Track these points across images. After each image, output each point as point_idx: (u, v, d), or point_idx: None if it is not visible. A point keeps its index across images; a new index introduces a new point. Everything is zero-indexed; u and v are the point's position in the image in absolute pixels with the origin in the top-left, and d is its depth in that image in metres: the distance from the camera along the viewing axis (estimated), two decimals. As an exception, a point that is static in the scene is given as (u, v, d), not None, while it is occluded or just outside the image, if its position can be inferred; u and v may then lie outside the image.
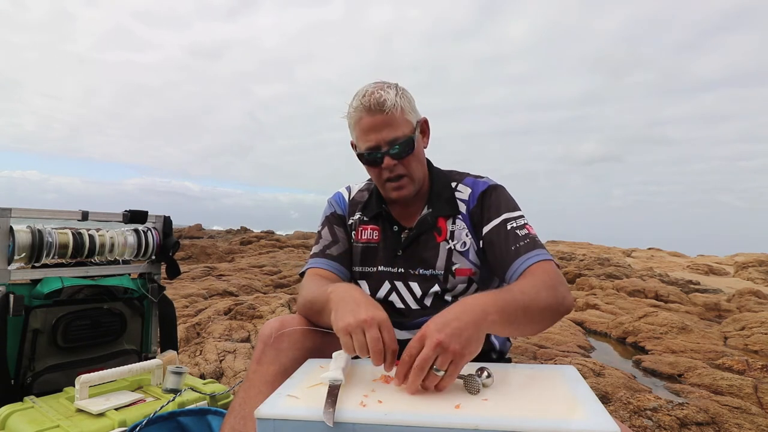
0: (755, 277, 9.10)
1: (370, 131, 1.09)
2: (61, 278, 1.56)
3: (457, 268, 1.13)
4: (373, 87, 1.10)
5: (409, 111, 1.12)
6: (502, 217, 1.11)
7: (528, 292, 0.91)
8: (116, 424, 1.26)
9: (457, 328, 0.76)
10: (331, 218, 1.27)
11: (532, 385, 0.79)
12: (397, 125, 1.09)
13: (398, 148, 1.09)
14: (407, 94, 1.13)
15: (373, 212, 1.22)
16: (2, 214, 1.43)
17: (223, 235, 18.76)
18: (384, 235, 1.20)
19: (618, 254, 14.10)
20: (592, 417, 0.65)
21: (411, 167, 1.13)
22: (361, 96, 1.10)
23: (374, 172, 1.15)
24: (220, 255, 11.01)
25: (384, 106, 1.07)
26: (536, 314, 0.91)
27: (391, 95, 1.08)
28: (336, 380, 0.77)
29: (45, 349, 1.51)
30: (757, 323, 4.34)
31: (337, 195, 1.32)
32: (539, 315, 0.92)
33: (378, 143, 1.09)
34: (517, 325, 0.89)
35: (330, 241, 1.23)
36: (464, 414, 0.68)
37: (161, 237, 1.80)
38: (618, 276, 8.43)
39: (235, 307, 4.38)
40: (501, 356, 1.19)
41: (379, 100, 1.07)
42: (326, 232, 1.25)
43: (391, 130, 1.08)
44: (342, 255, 1.21)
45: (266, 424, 0.70)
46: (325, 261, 1.19)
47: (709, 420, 2.25)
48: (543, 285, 0.95)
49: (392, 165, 1.10)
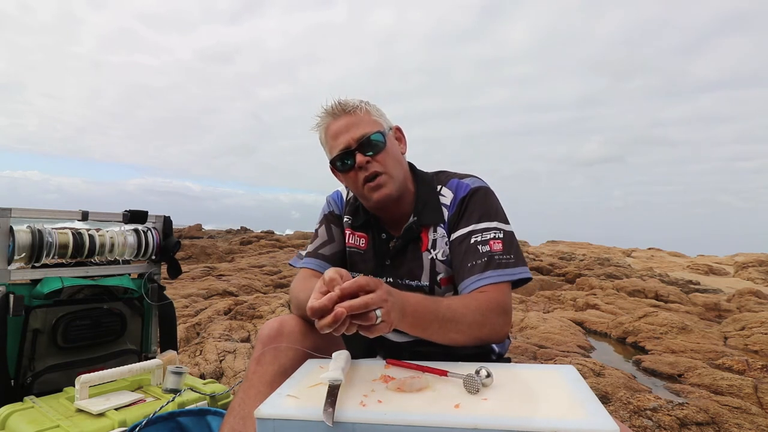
0: (755, 277, 9.10)
1: (338, 135, 1.10)
2: (61, 278, 1.56)
3: (442, 277, 1.12)
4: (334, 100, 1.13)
5: (376, 115, 1.14)
6: (469, 227, 1.08)
7: (456, 310, 0.92)
8: (116, 424, 1.26)
9: (393, 303, 0.78)
10: (329, 216, 1.28)
11: (531, 385, 0.79)
12: (363, 124, 1.11)
13: (367, 144, 1.09)
14: (374, 104, 1.16)
15: (360, 221, 1.21)
16: (2, 214, 1.43)
17: (223, 235, 18.76)
18: (372, 243, 1.20)
19: (618, 254, 14.10)
20: (592, 416, 0.65)
21: (386, 164, 1.11)
22: (323, 107, 1.13)
23: (350, 178, 1.13)
24: (220, 255, 11.01)
25: (347, 106, 1.11)
26: (455, 331, 0.92)
27: (353, 100, 1.12)
28: (336, 380, 0.77)
29: (45, 349, 1.51)
30: (757, 323, 4.34)
31: (336, 193, 1.32)
32: (459, 333, 0.93)
33: (348, 144, 1.10)
34: (429, 333, 0.90)
35: (325, 240, 1.24)
36: (464, 413, 0.68)
37: (161, 237, 1.80)
38: (618, 276, 8.44)
39: (235, 307, 4.38)
40: (500, 357, 1.18)
41: (340, 103, 1.11)
42: (323, 230, 1.26)
43: (357, 128, 1.10)
44: (335, 255, 1.22)
45: (266, 424, 0.70)
46: (316, 261, 1.21)
47: (709, 420, 2.25)
48: (477, 309, 0.95)
49: (365, 162, 1.09)
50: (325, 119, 1.14)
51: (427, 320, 0.88)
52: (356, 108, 1.11)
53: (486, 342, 0.98)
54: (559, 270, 9.48)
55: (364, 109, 1.12)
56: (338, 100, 1.12)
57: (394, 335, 1.15)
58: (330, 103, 1.12)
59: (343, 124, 1.10)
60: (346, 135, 1.09)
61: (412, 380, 0.78)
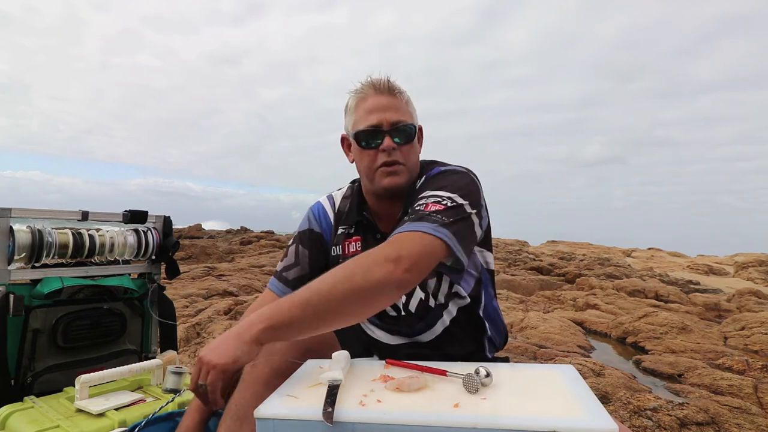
0: (755, 277, 9.10)
1: (373, 110, 1.07)
2: (61, 278, 1.56)
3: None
4: (380, 75, 1.10)
5: (412, 108, 1.13)
6: (423, 194, 1.00)
7: (325, 285, 0.82)
8: (116, 424, 1.26)
9: (216, 344, 0.82)
10: (302, 235, 1.23)
11: (530, 384, 0.79)
12: (402, 110, 1.08)
13: (400, 132, 1.07)
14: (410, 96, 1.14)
15: (353, 220, 1.17)
16: (2, 214, 1.43)
17: (223, 235, 18.75)
18: (365, 244, 1.15)
19: (618, 254, 14.10)
20: (591, 415, 0.65)
21: (409, 157, 1.09)
22: (368, 79, 1.10)
23: (368, 156, 1.08)
24: (220, 255, 11.01)
25: (393, 88, 1.08)
26: (339, 303, 0.81)
27: (398, 84, 1.10)
28: (335, 380, 0.77)
29: (45, 349, 1.51)
30: (757, 323, 4.34)
31: (318, 207, 1.25)
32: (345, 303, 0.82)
33: (380, 122, 1.06)
34: (310, 325, 0.82)
35: (291, 263, 1.20)
36: (463, 413, 0.68)
37: (161, 237, 1.80)
38: (618, 276, 8.44)
39: (235, 307, 4.38)
40: (495, 357, 1.18)
41: (389, 81, 1.08)
42: (292, 250, 1.22)
43: (395, 112, 1.07)
44: (298, 279, 1.17)
45: (266, 424, 0.70)
46: (278, 284, 1.19)
47: (709, 420, 2.25)
48: (366, 263, 0.83)
49: (391, 148, 1.06)
50: (366, 90, 1.09)
51: (287, 317, 0.81)
52: (401, 93, 1.09)
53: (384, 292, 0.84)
54: (559, 270, 9.48)
55: (406, 97, 1.11)
56: (388, 79, 1.09)
57: (386, 337, 1.15)
58: (376, 79, 1.09)
59: (385, 102, 1.07)
60: (383, 114, 1.06)
61: (411, 380, 0.78)
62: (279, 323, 0.80)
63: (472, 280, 1.11)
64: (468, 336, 1.12)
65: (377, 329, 1.17)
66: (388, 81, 1.09)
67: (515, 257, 11.57)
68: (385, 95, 1.08)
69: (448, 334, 1.10)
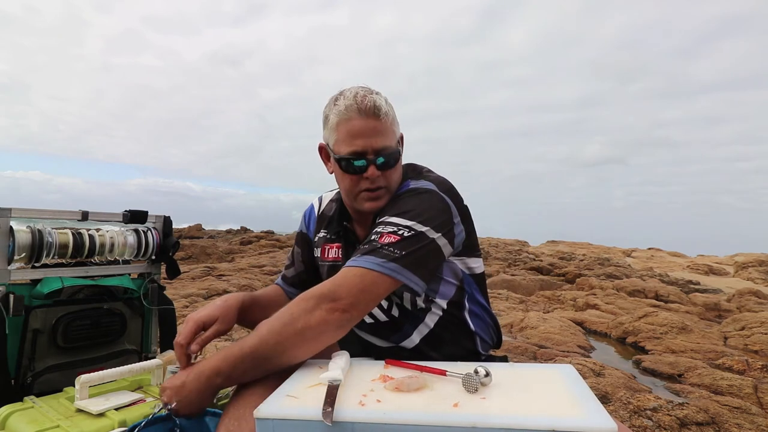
0: (755, 277, 9.11)
1: (358, 135, 1.02)
2: (61, 278, 1.56)
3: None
4: (364, 91, 1.04)
5: (395, 122, 1.08)
6: (383, 218, 1.00)
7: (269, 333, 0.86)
8: (116, 424, 1.26)
9: (186, 398, 0.89)
10: (297, 236, 1.32)
11: (530, 384, 0.79)
12: (387, 134, 1.04)
13: (384, 160, 1.03)
14: (390, 103, 1.08)
15: (335, 230, 1.19)
16: (2, 214, 1.43)
17: (223, 235, 18.76)
18: (345, 253, 1.15)
19: (618, 254, 14.10)
20: (590, 415, 0.65)
21: (391, 180, 1.07)
22: (352, 96, 1.03)
23: (351, 181, 1.06)
24: (220, 255, 11.01)
25: (379, 111, 1.02)
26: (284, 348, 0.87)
27: (383, 102, 1.03)
28: (335, 380, 0.77)
29: (45, 349, 1.51)
30: (757, 323, 4.34)
31: (309, 209, 1.30)
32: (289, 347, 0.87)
33: (365, 149, 1.02)
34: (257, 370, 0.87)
35: (290, 263, 1.32)
36: (462, 412, 0.68)
37: (161, 237, 1.80)
38: (618, 276, 8.44)
39: (235, 307, 4.37)
40: (489, 356, 1.18)
41: (374, 104, 1.01)
42: (291, 251, 1.33)
43: (381, 138, 1.03)
44: (296, 276, 1.29)
45: (265, 424, 0.70)
46: (281, 282, 1.32)
47: (709, 420, 2.25)
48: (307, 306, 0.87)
49: (376, 176, 1.03)
50: (350, 112, 1.02)
51: (240, 364, 0.86)
52: (386, 114, 1.03)
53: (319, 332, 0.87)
54: (559, 270, 9.49)
55: (390, 117, 1.05)
56: (374, 102, 1.02)
57: (376, 339, 1.15)
58: (361, 99, 1.02)
59: (370, 127, 1.02)
60: (367, 140, 1.02)
61: (411, 380, 0.78)
62: (229, 374, 0.88)
63: (451, 287, 1.09)
64: (454, 338, 1.12)
65: (365, 333, 1.18)
66: (374, 103, 1.01)
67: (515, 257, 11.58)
68: (372, 119, 1.02)
69: (434, 337, 1.10)
